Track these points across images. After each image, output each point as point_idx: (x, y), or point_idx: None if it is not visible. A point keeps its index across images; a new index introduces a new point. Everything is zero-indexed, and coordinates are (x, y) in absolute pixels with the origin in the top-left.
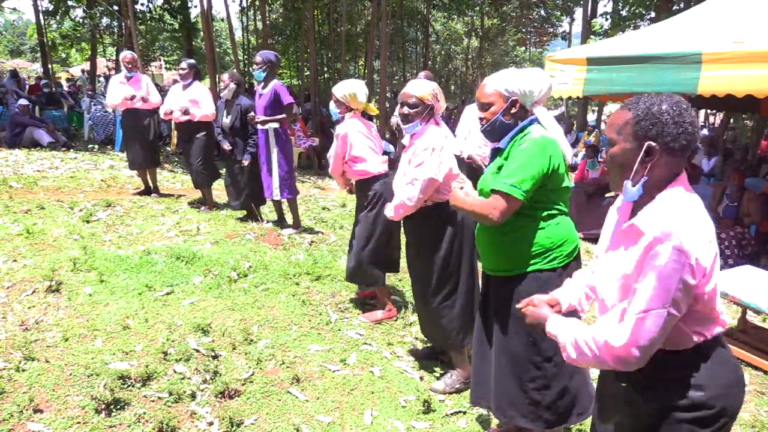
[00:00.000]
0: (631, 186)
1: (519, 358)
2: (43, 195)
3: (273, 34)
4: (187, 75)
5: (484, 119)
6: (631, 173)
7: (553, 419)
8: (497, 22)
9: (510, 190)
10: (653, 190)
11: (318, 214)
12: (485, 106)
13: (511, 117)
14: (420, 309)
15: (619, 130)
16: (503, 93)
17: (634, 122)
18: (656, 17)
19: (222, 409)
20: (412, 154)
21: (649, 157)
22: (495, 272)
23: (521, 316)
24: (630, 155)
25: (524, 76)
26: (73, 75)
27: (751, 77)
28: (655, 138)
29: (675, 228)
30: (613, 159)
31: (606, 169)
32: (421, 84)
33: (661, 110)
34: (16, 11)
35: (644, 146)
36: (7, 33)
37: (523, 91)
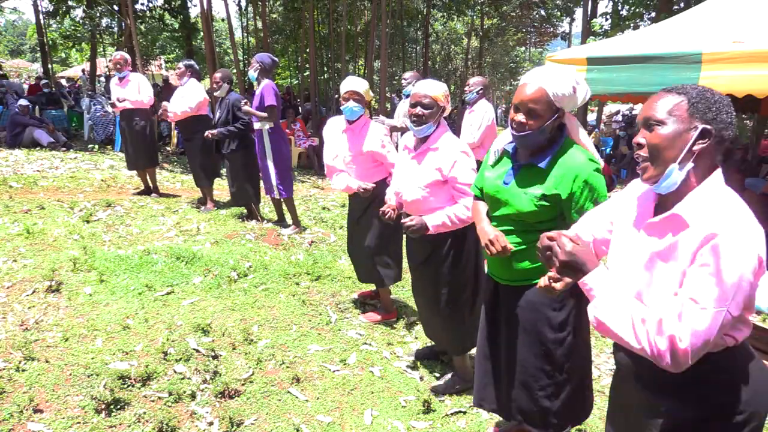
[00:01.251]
0: (677, 170)
1: (530, 367)
2: (43, 195)
3: (273, 34)
4: (182, 74)
5: (526, 125)
6: (680, 156)
7: (561, 425)
8: (497, 22)
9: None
10: (694, 180)
11: (318, 214)
12: (532, 113)
13: (552, 129)
14: (429, 314)
15: (670, 111)
16: (551, 99)
17: (690, 104)
18: (656, 17)
19: (222, 409)
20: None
21: (703, 140)
22: (505, 281)
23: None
24: (682, 136)
25: (573, 81)
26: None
27: (751, 77)
28: (710, 122)
29: (734, 222)
30: (661, 140)
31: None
32: (434, 84)
33: (714, 97)
34: (16, 11)
35: (699, 128)
36: (7, 33)
37: (571, 98)
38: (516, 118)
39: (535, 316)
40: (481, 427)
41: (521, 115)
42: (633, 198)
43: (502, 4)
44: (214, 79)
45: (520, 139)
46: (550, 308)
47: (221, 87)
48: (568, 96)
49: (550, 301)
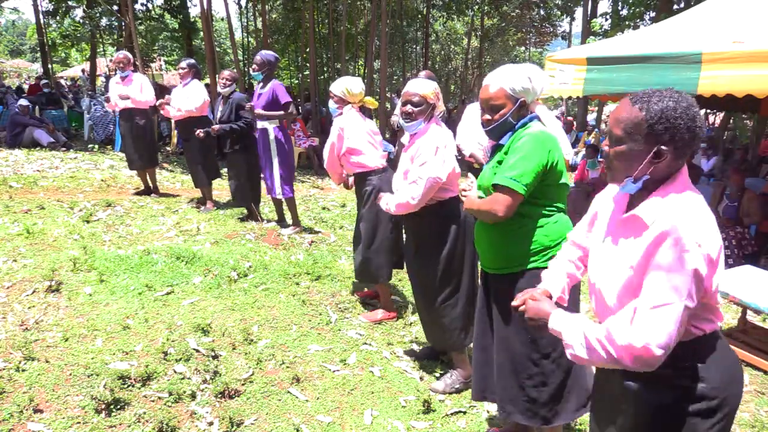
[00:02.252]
0: (632, 182)
1: (517, 355)
2: (43, 195)
3: (273, 34)
4: (186, 74)
5: (492, 120)
6: (635, 172)
7: (550, 416)
8: (497, 22)
9: (511, 183)
10: (653, 186)
11: (318, 214)
12: (494, 108)
13: (517, 117)
14: (421, 309)
15: (628, 130)
16: (509, 93)
17: (647, 125)
18: (656, 17)
19: (222, 409)
20: (415, 152)
21: (657, 159)
22: (494, 270)
23: (519, 312)
24: (638, 156)
25: (527, 74)
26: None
27: (751, 77)
28: (667, 143)
29: (685, 220)
30: (618, 156)
31: (605, 161)
32: (423, 83)
33: (675, 114)
34: (16, 11)
35: (654, 149)
36: (7, 33)
37: (527, 89)
38: (483, 117)
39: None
40: (481, 427)
41: (486, 113)
42: (610, 197)
43: (502, 3)
44: (224, 77)
45: (488, 133)
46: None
47: (230, 86)
48: (524, 88)
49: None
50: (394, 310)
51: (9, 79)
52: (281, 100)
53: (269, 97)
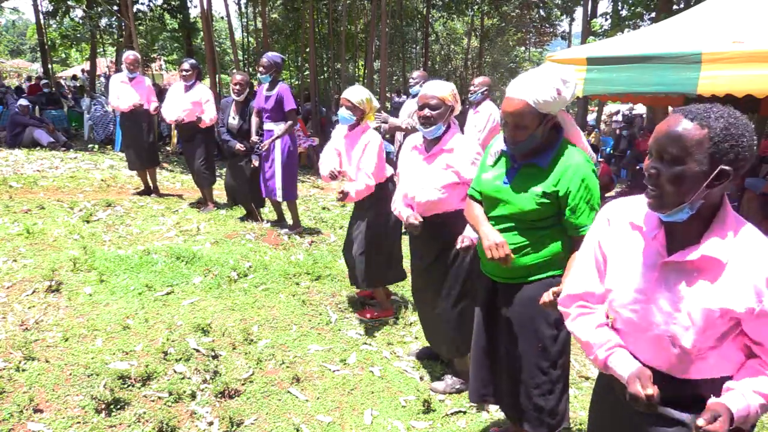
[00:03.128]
0: (689, 210)
1: (527, 364)
2: (43, 195)
3: (273, 34)
4: (189, 76)
5: (516, 138)
6: (693, 196)
7: (554, 423)
8: (497, 22)
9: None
10: (706, 212)
11: (318, 214)
12: (519, 126)
13: (543, 131)
14: (430, 317)
15: (689, 149)
16: (534, 108)
17: (712, 143)
18: (656, 17)
19: (222, 409)
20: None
21: (718, 181)
22: (504, 279)
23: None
24: (699, 178)
25: (555, 85)
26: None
27: (751, 77)
28: (731, 163)
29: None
30: (676, 180)
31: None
32: (441, 84)
33: (739, 132)
34: (16, 11)
35: (717, 170)
36: (7, 33)
37: (556, 102)
38: (505, 131)
39: (533, 312)
40: (481, 427)
41: (509, 128)
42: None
43: (502, 3)
44: (237, 82)
45: (515, 152)
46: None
47: (245, 92)
48: (552, 101)
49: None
50: (391, 308)
51: (9, 79)
52: (285, 106)
53: (275, 100)
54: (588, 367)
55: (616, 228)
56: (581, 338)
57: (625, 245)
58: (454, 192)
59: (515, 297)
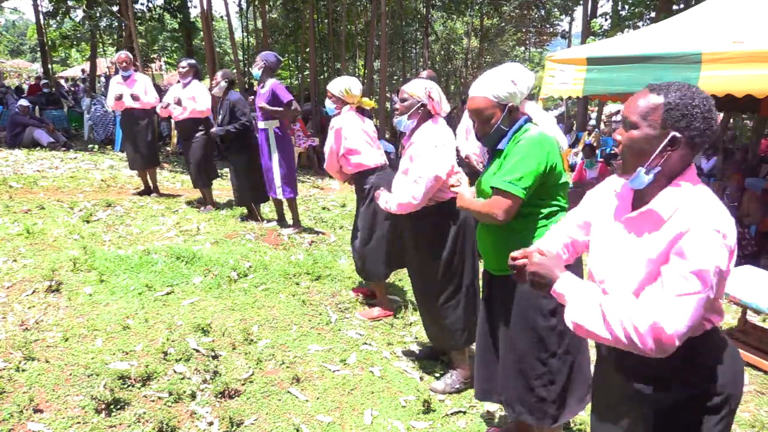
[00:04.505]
0: (644, 173)
1: (525, 356)
2: (43, 195)
3: (273, 34)
4: (186, 74)
5: (483, 131)
6: (649, 160)
7: (558, 414)
8: (497, 22)
9: (509, 187)
10: (663, 180)
11: (318, 214)
12: (484, 118)
13: (509, 122)
14: (423, 309)
15: (644, 115)
16: (495, 101)
17: (665, 110)
18: (656, 17)
19: (222, 409)
20: (414, 151)
21: (671, 147)
22: (498, 271)
23: (518, 272)
24: (652, 142)
25: (509, 77)
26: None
27: (750, 77)
28: (683, 130)
29: (709, 211)
30: (632, 143)
31: (620, 151)
32: (414, 82)
33: (693, 103)
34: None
35: (669, 135)
36: (7, 33)
37: (513, 93)
38: (475, 127)
39: (526, 304)
40: (481, 427)
41: (477, 124)
42: (611, 192)
43: (502, 4)
44: (215, 79)
45: (484, 143)
46: (542, 296)
47: (219, 85)
48: (509, 93)
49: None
50: (391, 308)
51: (9, 79)
52: (283, 99)
53: (268, 96)
54: None
55: (603, 191)
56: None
57: (604, 208)
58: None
59: (509, 290)
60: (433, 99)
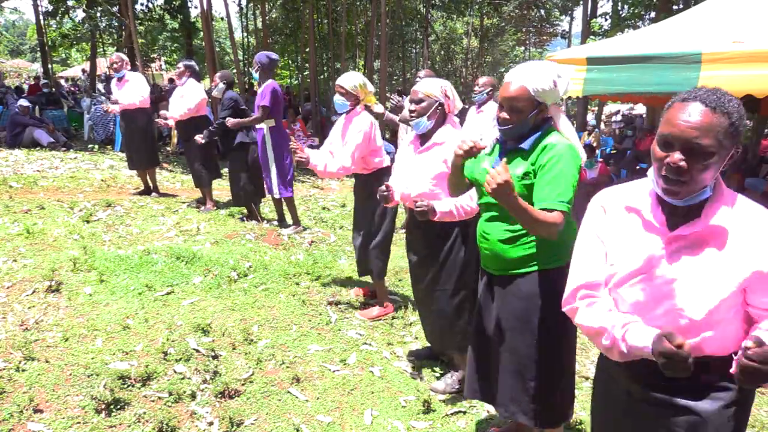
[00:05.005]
0: (709, 191)
1: (523, 357)
2: (43, 195)
3: (273, 34)
4: (182, 74)
5: (510, 121)
6: (712, 180)
7: (554, 417)
8: (497, 22)
9: (562, 207)
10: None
11: (318, 214)
12: (514, 109)
13: (536, 120)
14: (429, 313)
15: (719, 138)
16: (532, 94)
17: (734, 128)
18: (656, 17)
19: (222, 409)
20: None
21: (731, 159)
22: (499, 271)
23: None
24: (725, 157)
25: (553, 74)
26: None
27: (750, 77)
28: (739, 143)
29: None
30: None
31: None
32: (428, 81)
33: (741, 112)
34: (17, 11)
35: (734, 150)
36: (7, 33)
37: (552, 91)
38: (501, 115)
39: (526, 305)
40: (481, 427)
41: (504, 112)
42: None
43: (502, 4)
44: (214, 80)
45: (503, 133)
46: (545, 298)
47: (217, 86)
48: (548, 90)
49: (541, 291)
50: (391, 306)
51: (9, 79)
52: (261, 102)
53: (260, 98)
54: (588, 367)
55: (612, 214)
56: (593, 326)
57: (624, 228)
58: (444, 183)
59: (509, 290)
60: (449, 98)
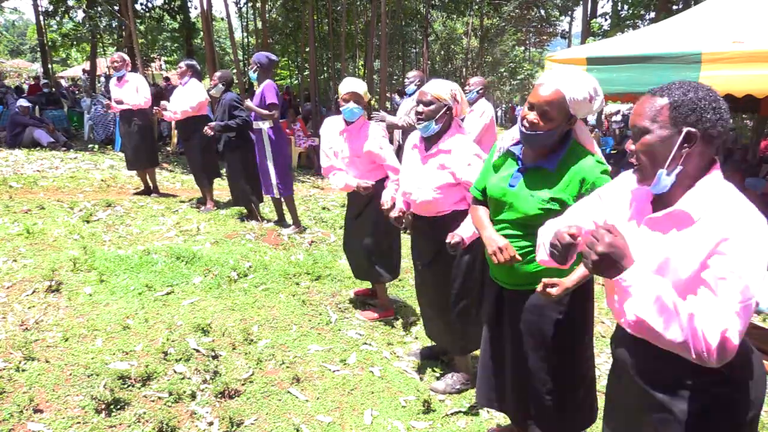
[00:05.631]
0: (665, 175)
1: (537, 371)
2: (43, 195)
3: (272, 34)
4: (183, 74)
5: (537, 126)
6: (667, 162)
7: (567, 428)
8: (497, 22)
9: None
10: (687, 180)
11: (318, 214)
12: (545, 115)
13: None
14: (435, 314)
15: (653, 118)
16: (567, 104)
17: (672, 108)
18: (656, 17)
19: (222, 409)
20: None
21: (687, 144)
22: (513, 286)
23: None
24: (667, 143)
25: (591, 90)
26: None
27: (750, 77)
28: (695, 124)
29: (750, 217)
30: (647, 148)
31: (635, 161)
32: (439, 83)
33: (698, 96)
34: (17, 11)
35: (683, 132)
36: (7, 33)
37: (584, 106)
38: (528, 116)
39: (540, 320)
40: (481, 427)
41: (534, 114)
42: (625, 191)
43: (502, 4)
44: (213, 79)
45: (528, 138)
46: (556, 311)
47: (216, 86)
48: (583, 103)
49: (555, 305)
50: (392, 307)
51: (9, 79)
52: (266, 100)
53: (260, 98)
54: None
55: (608, 201)
56: None
57: (616, 214)
58: (449, 193)
59: (522, 304)
60: (458, 101)
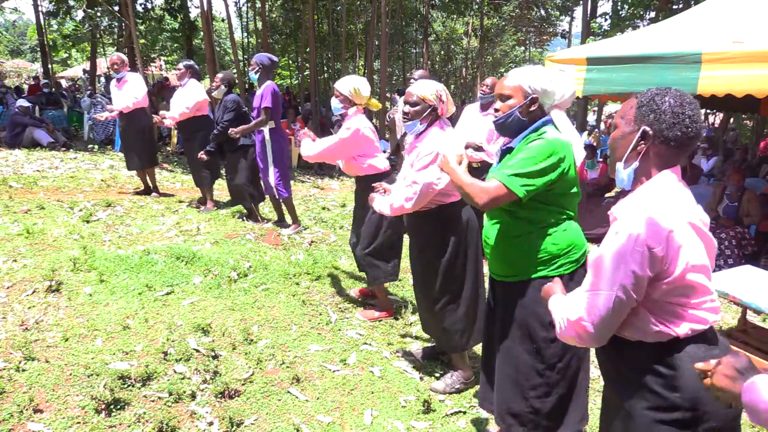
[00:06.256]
0: (622, 168)
1: (522, 365)
2: (43, 195)
3: (273, 34)
4: (182, 75)
5: (499, 111)
6: (624, 155)
7: (552, 426)
8: (497, 22)
9: (507, 180)
10: (642, 180)
11: (318, 214)
12: (503, 97)
13: (528, 114)
14: (422, 310)
15: (623, 115)
16: (525, 88)
17: (637, 107)
18: (656, 17)
19: (222, 409)
20: (415, 157)
21: (642, 141)
22: (501, 277)
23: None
24: (627, 138)
25: (549, 76)
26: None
27: (750, 77)
28: (651, 124)
29: (637, 216)
30: (611, 141)
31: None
32: (423, 84)
33: (663, 100)
34: (17, 11)
35: (640, 130)
36: (7, 33)
37: (545, 90)
38: (494, 107)
39: (525, 313)
40: (481, 427)
41: (498, 103)
42: None
43: (502, 4)
44: (215, 80)
45: (498, 128)
46: (541, 305)
47: (219, 88)
48: (541, 89)
49: (541, 298)
50: (391, 307)
51: (9, 79)
52: (262, 103)
53: (260, 99)
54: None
55: None
56: None
57: None
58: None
59: (510, 296)
60: (443, 102)
